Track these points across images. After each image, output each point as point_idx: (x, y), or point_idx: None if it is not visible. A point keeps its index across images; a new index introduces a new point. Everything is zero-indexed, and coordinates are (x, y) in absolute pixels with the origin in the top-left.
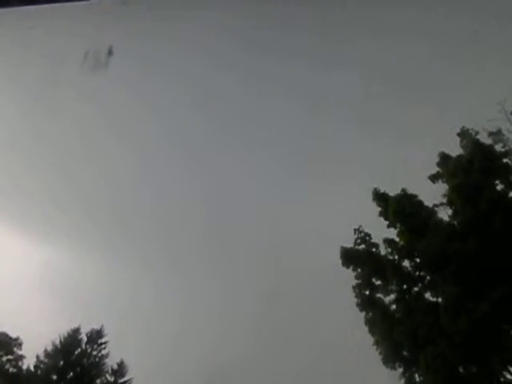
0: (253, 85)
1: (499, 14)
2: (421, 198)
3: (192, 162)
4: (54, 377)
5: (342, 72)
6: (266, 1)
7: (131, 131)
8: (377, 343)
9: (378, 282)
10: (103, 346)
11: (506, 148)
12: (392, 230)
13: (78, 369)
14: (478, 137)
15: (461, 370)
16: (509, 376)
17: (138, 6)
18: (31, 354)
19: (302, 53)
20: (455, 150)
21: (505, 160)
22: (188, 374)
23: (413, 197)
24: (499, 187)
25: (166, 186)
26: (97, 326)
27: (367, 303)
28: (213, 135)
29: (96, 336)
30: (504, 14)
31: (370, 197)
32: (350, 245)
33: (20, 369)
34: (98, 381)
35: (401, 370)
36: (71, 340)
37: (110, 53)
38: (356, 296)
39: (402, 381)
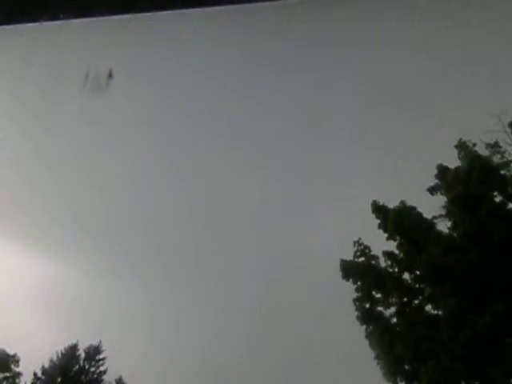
0: (256, 98)
1: (497, 27)
2: (420, 210)
3: (191, 178)
4: None
5: (340, 83)
6: (264, 14)
7: (131, 150)
8: (378, 357)
9: (379, 295)
10: (101, 362)
11: (504, 160)
12: (391, 242)
13: None
14: (476, 149)
15: (463, 383)
16: None
17: (138, 26)
18: (28, 371)
19: (300, 63)
20: (453, 162)
21: (503, 172)
22: None
23: (412, 209)
24: (498, 199)
25: (165, 201)
26: (94, 342)
27: (368, 316)
28: (214, 153)
29: (94, 352)
30: (502, 26)
31: (369, 209)
32: (349, 257)
33: None
34: None
35: None
36: (69, 356)
37: (110, 75)
38: (356, 309)
39: None
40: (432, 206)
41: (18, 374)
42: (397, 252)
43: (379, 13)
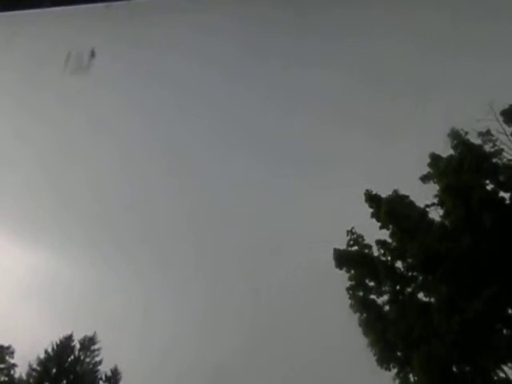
0: (240, 85)
1: (489, 14)
2: (412, 198)
3: (178, 163)
4: None
5: (332, 72)
6: (252, 2)
7: (115, 133)
8: (371, 344)
9: (372, 284)
10: (96, 352)
11: (496, 148)
12: (384, 231)
13: (72, 376)
14: (468, 137)
15: (454, 368)
16: (501, 374)
17: (122, 10)
18: (23, 362)
19: (289, 52)
20: (445, 150)
21: (494, 160)
22: (181, 377)
23: (404, 198)
24: (489, 187)
25: (153, 188)
26: (89, 333)
27: (361, 304)
28: (199, 136)
29: (89, 343)
30: (494, 13)
31: (362, 198)
32: (343, 246)
33: (12, 377)
34: None
35: (395, 370)
36: (64, 347)
37: (92, 55)
38: (350, 297)
39: (397, 381)
40: (424, 195)
41: (13, 366)
42: (390, 241)
43: (365, 0)
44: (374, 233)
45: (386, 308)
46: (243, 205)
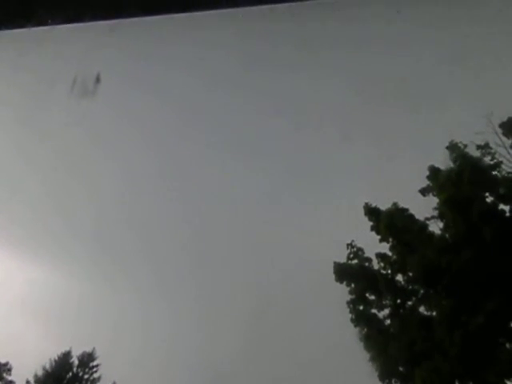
0: (246, 101)
1: (488, 26)
2: (412, 211)
3: (182, 183)
4: None
5: (329, 85)
6: (252, 18)
7: (119, 155)
8: (372, 359)
9: (372, 297)
10: (95, 369)
11: (495, 161)
12: (384, 244)
13: None
14: (467, 150)
15: (457, 383)
16: None
17: (126, 32)
18: (21, 379)
19: (288, 66)
20: (445, 163)
21: (494, 172)
22: None
23: (404, 211)
24: (489, 199)
25: (154, 205)
26: (88, 349)
27: (361, 319)
28: (204, 157)
29: (87, 359)
30: (493, 25)
31: (362, 211)
32: (342, 260)
33: None
34: None
35: None
36: (62, 364)
37: (97, 80)
38: (350, 312)
39: None
40: (424, 207)
41: (11, 383)
42: (390, 254)
43: (365, 15)
44: (374, 246)
45: (387, 322)
46: (245, 218)
